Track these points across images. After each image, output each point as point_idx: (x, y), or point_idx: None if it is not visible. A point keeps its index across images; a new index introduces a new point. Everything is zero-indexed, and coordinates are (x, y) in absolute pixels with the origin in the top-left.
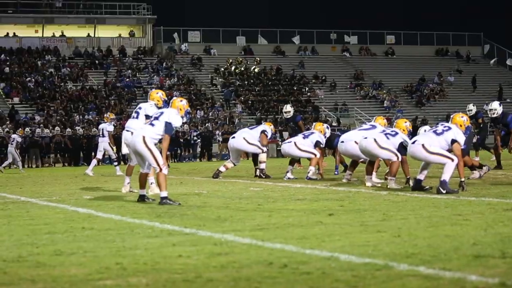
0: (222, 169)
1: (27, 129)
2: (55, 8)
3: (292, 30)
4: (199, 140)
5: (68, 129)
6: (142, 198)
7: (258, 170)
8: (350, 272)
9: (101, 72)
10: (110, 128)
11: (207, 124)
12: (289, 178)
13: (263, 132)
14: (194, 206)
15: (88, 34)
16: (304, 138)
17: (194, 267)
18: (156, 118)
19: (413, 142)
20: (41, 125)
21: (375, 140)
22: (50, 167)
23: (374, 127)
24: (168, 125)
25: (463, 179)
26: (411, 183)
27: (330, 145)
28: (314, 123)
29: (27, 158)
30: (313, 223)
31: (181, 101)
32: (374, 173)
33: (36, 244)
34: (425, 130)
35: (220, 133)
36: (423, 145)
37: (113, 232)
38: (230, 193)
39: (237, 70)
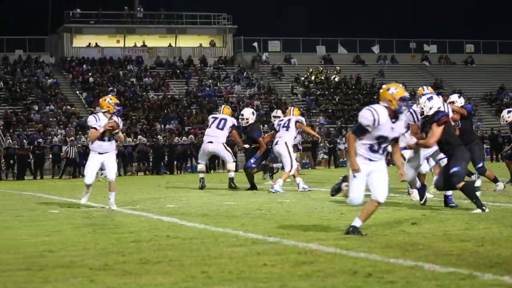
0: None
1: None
2: (137, 18)
3: (372, 39)
4: None
5: (141, 137)
6: None
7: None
8: (435, 281)
9: (182, 82)
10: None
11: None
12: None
13: (233, 127)
14: (277, 215)
15: (170, 44)
16: (287, 130)
17: (279, 276)
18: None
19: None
20: (124, 134)
21: None
22: (132, 175)
23: None
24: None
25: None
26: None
27: None
28: (291, 108)
29: None
30: (396, 232)
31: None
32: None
33: (122, 252)
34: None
35: (300, 142)
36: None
37: (198, 241)
38: (313, 202)
39: (317, 79)
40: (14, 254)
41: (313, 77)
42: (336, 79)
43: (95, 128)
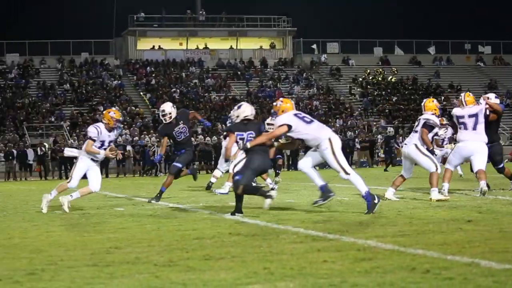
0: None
1: None
2: (199, 21)
3: (428, 41)
4: None
5: (201, 137)
6: None
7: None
8: (491, 278)
9: (243, 83)
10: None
11: (349, 133)
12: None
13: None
14: (337, 212)
15: (231, 46)
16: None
17: (339, 272)
18: None
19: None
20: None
21: (416, 146)
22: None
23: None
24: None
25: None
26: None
27: None
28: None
29: None
30: (453, 229)
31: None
32: (393, 189)
33: (185, 249)
34: None
35: (358, 141)
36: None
37: (259, 237)
38: None
39: (374, 80)
40: (82, 250)
41: (370, 78)
42: (393, 80)
43: (93, 140)
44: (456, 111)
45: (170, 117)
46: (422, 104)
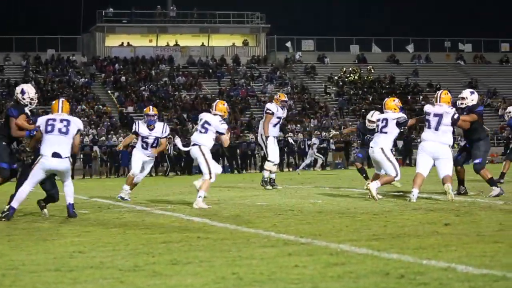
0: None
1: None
2: (169, 17)
3: (406, 39)
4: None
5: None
6: None
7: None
8: (468, 283)
9: (215, 81)
10: None
11: (324, 134)
12: None
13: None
14: (309, 215)
15: (202, 43)
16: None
17: (310, 277)
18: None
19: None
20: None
21: (382, 150)
22: (163, 176)
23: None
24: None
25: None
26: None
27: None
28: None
29: None
30: (429, 233)
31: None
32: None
33: (152, 253)
34: None
35: (333, 142)
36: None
37: (229, 241)
38: (345, 202)
39: (350, 78)
40: (44, 254)
41: (347, 76)
42: (370, 78)
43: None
44: (426, 107)
45: (33, 103)
46: (384, 102)
